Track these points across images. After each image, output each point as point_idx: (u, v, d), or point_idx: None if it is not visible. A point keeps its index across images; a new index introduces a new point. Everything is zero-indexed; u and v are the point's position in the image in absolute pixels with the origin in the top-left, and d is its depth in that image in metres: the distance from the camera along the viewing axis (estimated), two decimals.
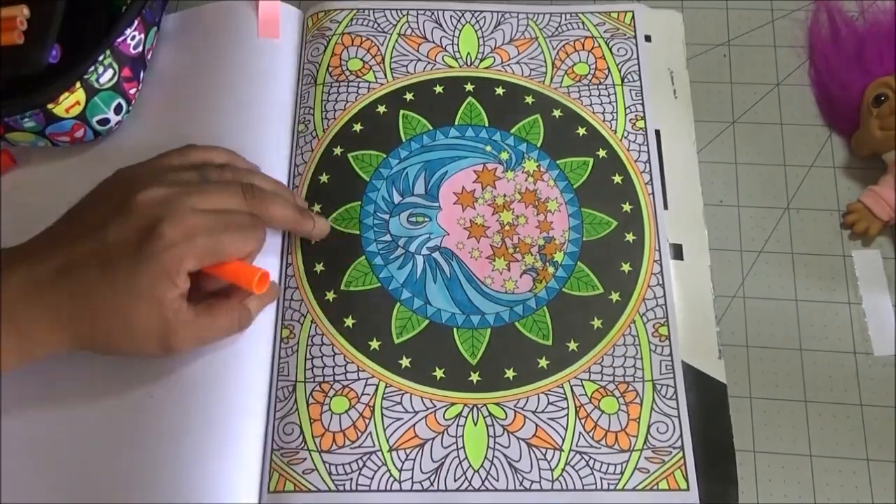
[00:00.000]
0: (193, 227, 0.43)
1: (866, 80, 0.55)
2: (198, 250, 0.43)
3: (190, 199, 0.45)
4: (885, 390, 0.49)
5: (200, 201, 0.45)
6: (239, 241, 0.45)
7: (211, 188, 0.46)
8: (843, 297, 0.51)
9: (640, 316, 0.50)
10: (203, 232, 0.44)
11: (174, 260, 0.42)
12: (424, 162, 0.55)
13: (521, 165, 0.55)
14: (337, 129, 0.57)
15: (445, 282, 0.52)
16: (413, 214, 0.54)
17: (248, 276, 0.45)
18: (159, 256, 0.42)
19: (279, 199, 0.49)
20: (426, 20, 0.60)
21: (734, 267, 0.53)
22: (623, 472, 0.46)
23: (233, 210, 0.46)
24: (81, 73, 0.51)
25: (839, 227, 0.54)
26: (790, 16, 0.60)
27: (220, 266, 0.45)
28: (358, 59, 0.59)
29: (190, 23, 0.60)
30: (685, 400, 0.48)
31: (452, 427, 0.48)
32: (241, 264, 0.46)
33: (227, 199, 0.46)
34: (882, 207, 0.52)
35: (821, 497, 0.46)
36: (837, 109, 0.56)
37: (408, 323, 0.51)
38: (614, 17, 0.60)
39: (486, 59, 0.59)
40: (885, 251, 0.53)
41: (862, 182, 0.54)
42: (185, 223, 0.43)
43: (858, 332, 0.50)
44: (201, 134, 0.55)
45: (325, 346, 0.50)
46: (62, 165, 0.56)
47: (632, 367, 0.49)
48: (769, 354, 0.50)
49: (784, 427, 0.48)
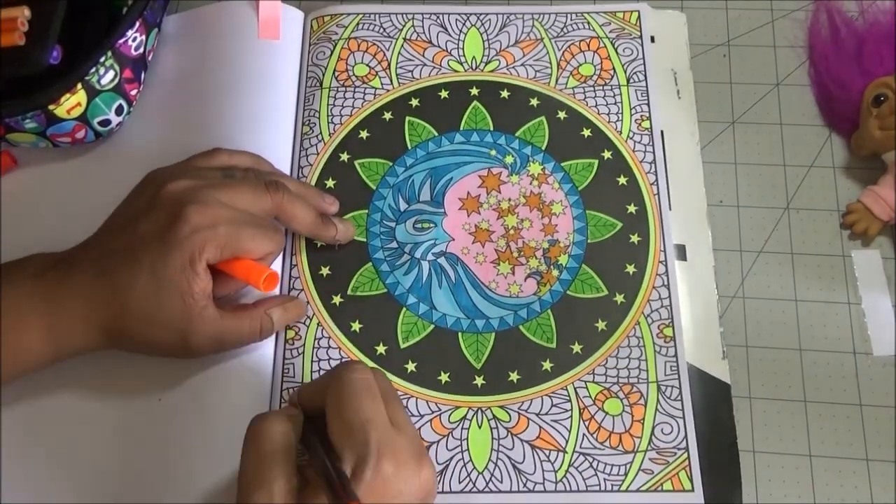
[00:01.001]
0: (217, 215, 0.44)
1: (866, 81, 0.55)
2: (220, 238, 0.44)
3: (215, 191, 0.46)
4: (884, 390, 0.49)
5: (225, 194, 0.46)
6: (258, 238, 0.46)
7: (236, 183, 0.47)
8: (843, 297, 0.52)
9: (644, 317, 0.51)
10: (225, 222, 0.44)
11: (196, 244, 0.43)
12: (430, 168, 0.55)
13: (525, 169, 0.55)
14: (343, 134, 0.57)
15: (450, 286, 0.52)
16: (419, 221, 0.54)
17: (257, 273, 0.45)
18: (182, 241, 0.43)
19: (302, 201, 0.49)
20: (431, 24, 0.60)
21: (734, 267, 0.53)
22: (627, 473, 0.47)
23: (255, 209, 0.47)
24: (83, 75, 0.51)
25: (839, 227, 0.54)
26: (790, 16, 0.61)
27: (232, 262, 0.45)
28: (364, 65, 0.59)
29: (190, 24, 0.60)
30: (690, 401, 0.48)
31: (457, 430, 0.48)
32: (252, 261, 0.46)
33: (252, 195, 0.47)
34: (882, 207, 0.52)
35: (821, 497, 0.47)
36: (837, 109, 0.56)
37: (413, 328, 0.51)
38: (620, 17, 0.60)
39: (491, 62, 0.59)
40: (884, 251, 0.53)
41: (861, 182, 0.55)
42: (209, 210, 0.44)
43: (858, 332, 0.51)
44: (202, 135, 0.55)
45: (331, 349, 0.50)
46: (63, 166, 0.56)
47: (636, 369, 0.49)
48: (769, 354, 0.51)
49: (784, 427, 0.49)
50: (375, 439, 0.37)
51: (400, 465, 0.38)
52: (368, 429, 0.37)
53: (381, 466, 0.36)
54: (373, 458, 0.36)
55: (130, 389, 0.48)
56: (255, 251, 0.46)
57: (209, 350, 0.47)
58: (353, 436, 0.37)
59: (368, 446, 0.36)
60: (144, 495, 0.46)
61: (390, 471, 0.37)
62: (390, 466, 0.37)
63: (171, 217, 0.44)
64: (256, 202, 0.47)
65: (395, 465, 0.37)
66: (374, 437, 0.37)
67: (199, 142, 0.55)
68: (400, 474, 0.38)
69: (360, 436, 0.37)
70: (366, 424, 0.37)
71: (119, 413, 0.48)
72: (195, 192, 0.45)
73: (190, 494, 0.46)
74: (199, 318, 0.45)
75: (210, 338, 0.45)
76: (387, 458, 0.37)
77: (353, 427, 0.37)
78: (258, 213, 0.47)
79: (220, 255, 0.44)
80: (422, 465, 0.39)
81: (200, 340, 0.45)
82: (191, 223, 0.44)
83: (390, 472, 0.37)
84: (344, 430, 0.37)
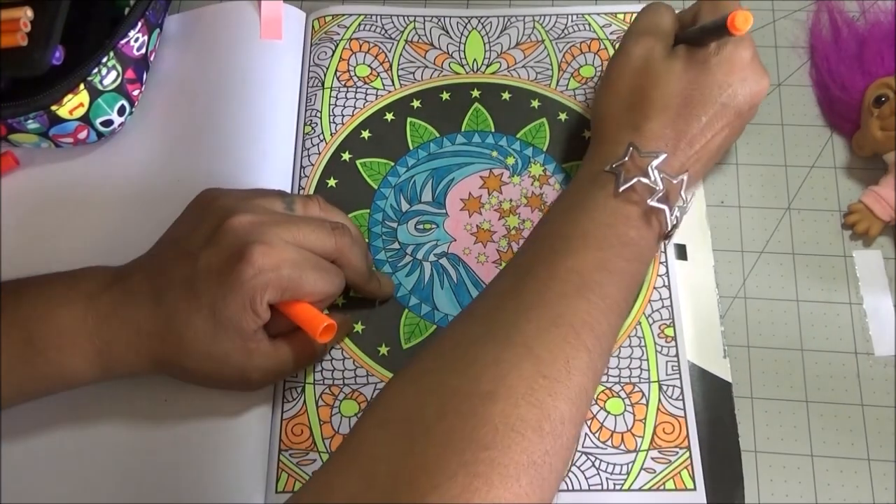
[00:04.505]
0: (282, 258, 0.43)
1: (867, 81, 0.55)
2: (283, 281, 0.43)
3: (279, 229, 0.44)
4: (885, 390, 0.49)
5: (290, 233, 0.44)
6: (319, 282, 0.45)
7: (300, 221, 0.46)
8: (845, 298, 0.52)
9: (645, 318, 0.51)
10: (289, 265, 0.43)
11: (258, 288, 0.42)
12: (432, 169, 0.56)
13: (526, 170, 0.55)
14: (345, 134, 0.57)
15: (452, 287, 0.52)
16: (420, 222, 0.54)
17: (316, 322, 0.44)
18: (245, 284, 0.42)
19: (359, 249, 0.48)
20: (433, 27, 0.60)
21: (735, 267, 0.53)
22: (629, 472, 0.47)
23: (318, 250, 0.45)
24: (85, 75, 0.51)
25: (840, 227, 0.54)
26: (791, 16, 0.61)
27: (291, 304, 0.44)
28: (365, 66, 0.59)
29: (192, 24, 0.60)
30: (692, 401, 0.49)
31: None
32: (311, 308, 0.45)
33: (315, 235, 0.45)
34: (883, 208, 0.52)
35: (822, 497, 0.47)
36: (838, 110, 0.56)
37: (415, 329, 0.51)
38: (620, 19, 0.60)
39: (492, 64, 0.59)
40: (886, 251, 0.53)
41: (863, 182, 0.55)
42: (274, 252, 0.43)
43: (859, 333, 0.51)
44: (204, 135, 0.56)
45: (334, 350, 0.50)
46: (65, 167, 0.56)
47: (637, 369, 0.49)
48: (770, 355, 0.51)
49: (785, 427, 0.49)
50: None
51: (755, 60, 0.48)
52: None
53: (740, 49, 0.47)
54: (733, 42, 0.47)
55: (135, 390, 0.48)
56: (315, 294, 0.45)
57: (267, 382, 0.47)
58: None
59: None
60: (149, 495, 0.46)
61: (747, 57, 0.47)
62: (748, 54, 0.47)
63: (234, 255, 0.42)
64: (320, 243, 0.46)
65: (752, 57, 0.48)
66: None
67: (201, 141, 0.55)
68: (751, 65, 0.48)
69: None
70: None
71: (124, 414, 0.48)
72: (260, 229, 0.44)
73: (194, 493, 0.46)
74: (255, 354, 0.44)
75: (267, 371, 0.45)
76: (747, 47, 0.47)
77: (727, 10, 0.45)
78: (320, 253, 0.46)
79: (281, 296, 0.43)
80: (764, 77, 0.48)
81: (258, 375, 0.45)
82: (255, 265, 0.42)
83: (747, 57, 0.47)
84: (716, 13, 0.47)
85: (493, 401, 0.36)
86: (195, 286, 0.43)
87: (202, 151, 0.55)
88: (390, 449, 0.35)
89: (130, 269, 0.46)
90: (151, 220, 0.48)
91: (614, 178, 0.45)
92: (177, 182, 0.54)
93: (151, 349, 0.44)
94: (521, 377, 0.37)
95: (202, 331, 0.43)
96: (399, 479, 0.34)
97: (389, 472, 0.34)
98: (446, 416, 0.36)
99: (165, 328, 0.43)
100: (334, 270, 0.46)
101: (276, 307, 0.44)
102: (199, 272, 0.43)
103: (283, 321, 0.45)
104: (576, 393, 0.38)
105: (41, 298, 0.44)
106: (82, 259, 0.47)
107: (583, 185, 0.47)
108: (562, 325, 0.40)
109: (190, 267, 0.43)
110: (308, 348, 0.47)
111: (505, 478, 0.34)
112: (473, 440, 0.35)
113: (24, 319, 0.43)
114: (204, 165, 0.55)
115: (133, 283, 0.44)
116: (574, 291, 0.41)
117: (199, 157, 0.55)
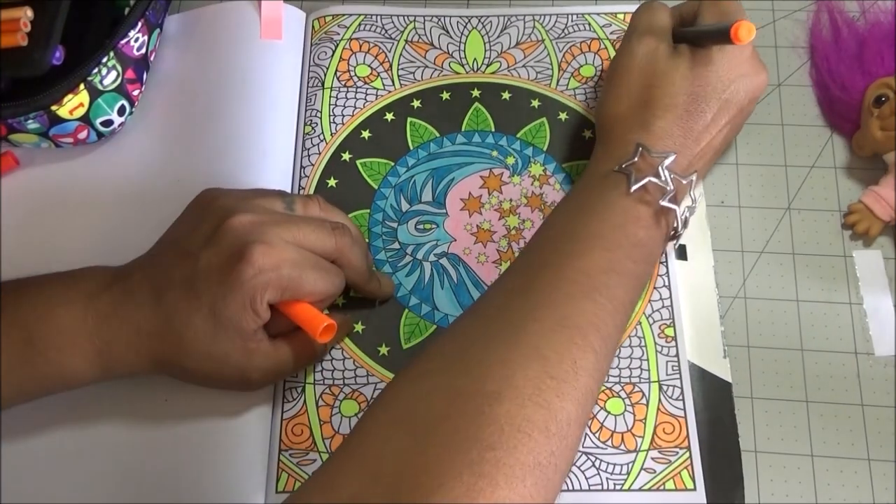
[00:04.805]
0: (282, 258, 0.43)
1: (867, 81, 0.55)
2: (283, 281, 0.43)
3: (280, 229, 0.44)
4: (885, 390, 0.49)
5: (290, 233, 0.44)
6: (319, 282, 0.45)
7: (300, 220, 0.46)
8: (845, 298, 0.52)
9: (645, 318, 0.51)
10: (289, 264, 0.43)
11: (259, 288, 0.42)
12: (432, 169, 0.56)
13: (527, 170, 0.55)
14: (345, 134, 0.57)
15: (452, 287, 0.52)
16: (420, 222, 0.54)
17: (316, 322, 0.44)
18: (245, 284, 0.42)
19: (360, 249, 0.48)
20: (433, 27, 0.60)
21: (735, 267, 0.53)
22: (629, 472, 0.47)
23: (318, 250, 0.45)
24: (85, 75, 0.51)
25: (840, 227, 0.54)
26: (791, 16, 0.61)
27: (291, 304, 0.44)
28: (366, 66, 0.59)
29: (192, 24, 0.60)
30: (692, 401, 0.49)
31: None
32: (311, 308, 0.45)
33: (315, 235, 0.45)
34: (883, 208, 0.52)
35: (822, 497, 0.47)
36: (838, 110, 0.56)
37: (416, 329, 0.51)
38: (620, 19, 0.60)
39: (492, 63, 0.59)
40: (886, 251, 0.53)
41: (863, 182, 0.55)
42: (274, 252, 0.43)
43: (859, 333, 0.51)
44: (205, 135, 0.56)
45: (334, 350, 0.50)
46: (65, 167, 0.56)
47: (637, 369, 0.49)
48: (770, 355, 0.51)
49: (785, 427, 0.49)
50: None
51: (754, 55, 0.50)
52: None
53: (741, 47, 0.47)
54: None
55: (135, 390, 0.48)
56: (315, 294, 0.45)
57: (267, 382, 0.47)
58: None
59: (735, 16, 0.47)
60: (149, 495, 0.46)
61: (747, 53, 0.49)
62: (748, 50, 0.49)
63: (234, 255, 0.42)
64: (320, 242, 0.45)
65: (752, 53, 0.49)
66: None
67: (201, 141, 0.55)
68: (750, 61, 0.49)
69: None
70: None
71: (124, 414, 0.48)
72: (260, 229, 0.44)
73: (194, 493, 0.46)
74: (255, 354, 0.44)
75: (267, 371, 0.45)
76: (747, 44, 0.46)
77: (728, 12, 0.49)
78: (320, 253, 0.46)
79: (281, 296, 0.43)
80: (763, 70, 0.50)
81: (258, 375, 0.45)
82: (255, 265, 0.42)
83: (747, 53, 0.49)
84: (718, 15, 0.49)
85: (498, 401, 0.36)
86: (195, 286, 0.43)
87: (202, 151, 0.55)
88: (395, 447, 0.35)
89: (130, 269, 0.46)
90: (151, 220, 0.48)
91: (625, 179, 0.45)
92: (177, 182, 0.54)
93: (151, 349, 0.44)
94: (527, 378, 0.37)
95: (202, 331, 0.43)
96: (403, 477, 0.34)
97: (394, 471, 0.34)
98: (451, 415, 0.36)
99: (165, 328, 0.43)
100: (334, 270, 0.46)
101: (276, 307, 0.44)
102: (199, 272, 0.43)
103: (283, 321, 0.45)
104: (582, 394, 0.38)
105: (41, 298, 0.44)
106: (82, 259, 0.47)
107: (591, 185, 0.47)
108: (569, 326, 0.40)
109: (190, 267, 0.43)
110: (308, 348, 0.47)
111: (510, 478, 0.34)
112: (479, 440, 0.35)
113: (23, 319, 0.43)
114: (204, 165, 0.55)
115: (133, 283, 0.44)
116: (582, 293, 0.41)
117: (199, 157, 0.55)
